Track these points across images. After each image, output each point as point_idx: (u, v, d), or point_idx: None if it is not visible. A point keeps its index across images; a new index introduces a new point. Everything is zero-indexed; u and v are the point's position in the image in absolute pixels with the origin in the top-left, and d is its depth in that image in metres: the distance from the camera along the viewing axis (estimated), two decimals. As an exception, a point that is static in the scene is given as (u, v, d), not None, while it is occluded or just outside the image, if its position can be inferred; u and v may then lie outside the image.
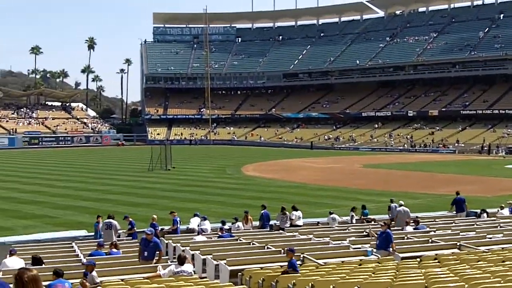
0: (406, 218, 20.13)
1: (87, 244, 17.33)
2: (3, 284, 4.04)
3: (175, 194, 33.92)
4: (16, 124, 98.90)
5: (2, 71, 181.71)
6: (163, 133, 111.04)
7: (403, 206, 21.37)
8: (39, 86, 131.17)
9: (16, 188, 36.88)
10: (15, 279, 4.75)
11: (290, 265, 11.68)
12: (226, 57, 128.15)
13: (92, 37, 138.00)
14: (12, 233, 21.38)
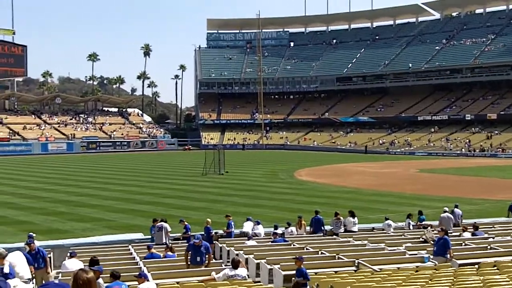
0: (451, 224, 19.77)
1: (143, 246, 17.57)
2: (63, 286, 4.11)
3: (228, 198, 34.10)
4: (75, 130, 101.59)
5: (60, 78, 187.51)
6: (217, 138, 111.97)
7: (447, 212, 21.09)
8: (96, 92, 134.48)
9: (74, 191, 37.85)
10: (72, 281, 4.84)
11: (299, 274, 11.39)
12: (279, 62, 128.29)
13: (148, 44, 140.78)
14: (71, 235, 21.90)
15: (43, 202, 32.69)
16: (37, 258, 14.04)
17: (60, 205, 31.69)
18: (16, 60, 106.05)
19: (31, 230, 20.15)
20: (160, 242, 18.18)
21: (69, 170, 57.76)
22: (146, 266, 13.95)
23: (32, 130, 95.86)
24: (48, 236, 21.13)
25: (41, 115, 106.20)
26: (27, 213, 28.74)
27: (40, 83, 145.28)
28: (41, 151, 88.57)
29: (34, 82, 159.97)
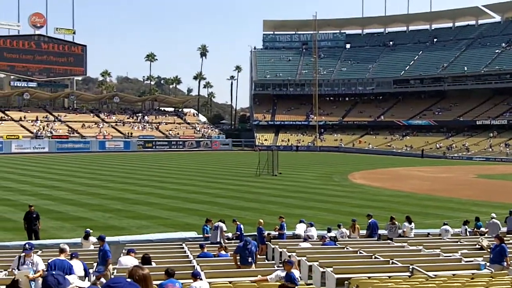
0: (497, 231, 19.26)
1: (196, 245, 17.74)
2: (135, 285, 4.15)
3: (282, 200, 34.07)
4: (132, 128, 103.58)
5: (119, 77, 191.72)
6: (270, 139, 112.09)
7: (494, 219, 20.53)
8: (153, 92, 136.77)
9: (130, 189, 38.57)
10: (128, 277, 4.90)
11: (288, 278, 11.15)
12: (335, 64, 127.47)
13: (205, 45, 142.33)
14: (127, 232, 22.32)
15: (100, 199, 33.46)
16: (99, 256, 14.37)
17: (117, 202, 32.36)
18: (76, 60, 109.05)
19: (88, 226, 20.66)
20: (214, 241, 18.35)
21: (126, 168, 58.91)
22: (199, 265, 14.07)
23: (90, 128, 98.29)
24: (104, 232, 21.44)
25: (100, 114, 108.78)
26: (85, 210, 29.46)
27: (99, 82, 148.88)
28: (99, 149, 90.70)
29: (93, 81, 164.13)
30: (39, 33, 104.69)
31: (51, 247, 17.22)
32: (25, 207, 27.19)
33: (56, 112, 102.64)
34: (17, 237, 20.91)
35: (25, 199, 32.50)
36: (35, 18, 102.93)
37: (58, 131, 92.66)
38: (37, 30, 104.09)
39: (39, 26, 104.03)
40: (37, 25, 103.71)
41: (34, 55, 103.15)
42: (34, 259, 11.96)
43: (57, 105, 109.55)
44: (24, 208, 27.33)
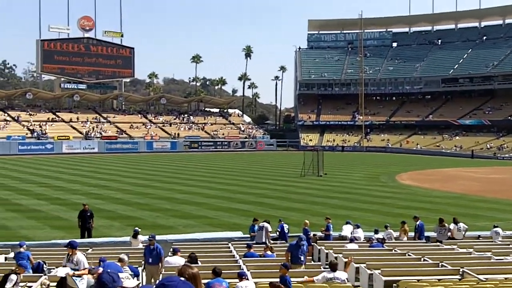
0: None
1: (242, 245, 17.81)
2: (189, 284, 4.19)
3: (327, 201, 33.87)
4: (178, 129, 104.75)
5: (165, 79, 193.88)
6: (315, 139, 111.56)
7: None
8: (199, 93, 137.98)
9: (177, 189, 39.01)
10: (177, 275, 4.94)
11: (283, 281, 10.89)
12: (381, 62, 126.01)
13: (249, 46, 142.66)
14: (174, 231, 22.58)
15: (148, 198, 33.95)
16: (152, 255, 14.59)
17: (164, 201, 32.77)
18: (124, 62, 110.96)
19: (136, 225, 20.98)
20: (260, 241, 18.38)
21: (173, 168, 59.59)
22: (245, 265, 14.12)
23: (138, 129, 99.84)
24: (152, 231, 21.85)
25: (147, 115, 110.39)
26: (133, 209, 29.96)
27: (146, 84, 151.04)
28: (146, 149, 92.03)
29: (141, 83, 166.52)
30: (88, 36, 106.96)
31: (101, 245, 17.57)
32: (76, 206, 27.88)
33: (105, 113, 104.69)
34: (69, 235, 21.38)
35: (76, 198, 33.27)
36: (84, 21, 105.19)
37: (107, 132, 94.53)
38: (86, 33, 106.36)
39: (88, 29, 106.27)
40: (86, 28, 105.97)
41: (84, 57, 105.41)
42: (77, 257, 12.22)
43: (106, 107, 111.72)
44: (75, 207, 28.03)
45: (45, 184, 41.41)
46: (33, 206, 30.46)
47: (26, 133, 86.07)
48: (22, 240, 19.45)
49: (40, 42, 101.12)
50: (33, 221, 25.83)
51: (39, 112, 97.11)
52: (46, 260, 14.35)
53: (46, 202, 31.96)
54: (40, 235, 22.30)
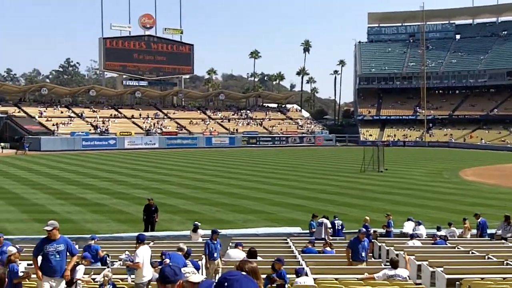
0: None
1: (301, 240, 17.74)
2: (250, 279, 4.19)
3: (388, 197, 33.33)
4: (236, 125, 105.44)
5: (224, 75, 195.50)
6: (376, 134, 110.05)
7: None
8: (257, 88, 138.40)
9: (236, 184, 39.25)
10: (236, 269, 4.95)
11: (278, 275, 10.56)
12: (444, 55, 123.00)
13: (308, 40, 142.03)
14: (233, 226, 22.73)
15: (208, 193, 34.30)
16: (217, 249, 14.77)
17: (223, 196, 33.03)
18: (184, 59, 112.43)
19: (196, 219, 21.22)
20: (319, 237, 18.26)
21: (231, 163, 60.00)
22: (304, 260, 14.06)
23: (197, 125, 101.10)
24: (212, 226, 22.06)
25: (206, 111, 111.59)
26: (193, 203, 30.34)
27: (205, 80, 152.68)
28: (205, 145, 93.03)
29: (200, 79, 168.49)
30: (149, 34, 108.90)
31: (163, 239, 17.85)
32: (138, 200, 28.50)
33: (165, 110, 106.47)
34: (131, 229, 21.87)
35: (138, 192, 33.99)
36: (145, 19, 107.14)
37: (167, 128, 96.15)
38: (146, 30, 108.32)
39: (149, 27, 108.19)
40: (147, 26, 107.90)
41: (144, 55, 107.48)
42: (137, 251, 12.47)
43: (166, 103, 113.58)
44: (137, 201, 28.65)
45: (108, 179, 42.48)
46: (96, 200, 31.30)
47: (90, 129, 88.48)
48: (88, 233, 20.03)
49: (103, 40, 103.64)
50: (96, 215, 26.54)
51: (102, 108, 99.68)
52: (109, 253, 14.68)
53: (109, 196, 32.77)
54: (103, 228, 22.87)
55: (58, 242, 10.13)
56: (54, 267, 10.08)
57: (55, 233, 10.13)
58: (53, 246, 10.08)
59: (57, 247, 10.07)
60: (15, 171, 48.73)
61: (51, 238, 10.14)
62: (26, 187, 37.11)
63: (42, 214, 26.39)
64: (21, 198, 32.21)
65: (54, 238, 10.14)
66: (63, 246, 10.14)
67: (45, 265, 10.11)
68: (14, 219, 25.24)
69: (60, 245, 10.13)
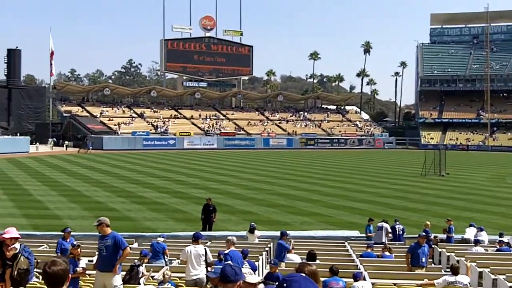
0: None
1: (359, 244, 17.53)
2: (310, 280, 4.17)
3: (449, 202, 32.53)
4: (294, 126, 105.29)
5: (283, 76, 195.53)
6: (437, 138, 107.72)
7: None
8: (316, 90, 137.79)
9: (293, 185, 39.15)
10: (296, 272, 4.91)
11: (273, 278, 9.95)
12: (509, 57, 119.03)
13: (368, 41, 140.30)
14: (290, 228, 22.60)
15: (265, 194, 34.35)
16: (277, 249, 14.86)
17: (280, 197, 33.00)
18: (243, 60, 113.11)
19: (253, 220, 21.29)
20: (379, 241, 17.99)
21: (289, 164, 59.90)
22: (362, 264, 13.88)
23: (255, 126, 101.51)
24: (269, 227, 22.12)
25: (264, 112, 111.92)
26: (250, 204, 30.45)
27: (264, 82, 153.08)
28: (263, 146, 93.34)
29: (259, 81, 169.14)
30: (209, 35, 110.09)
31: (220, 239, 17.96)
32: (196, 200, 28.84)
33: (224, 110, 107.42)
34: (189, 228, 22.12)
35: (196, 192, 34.40)
36: (205, 21, 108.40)
37: (226, 129, 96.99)
38: (207, 32, 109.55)
39: (209, 28, 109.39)
40: (208, 28, 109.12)
41: (204, 56, 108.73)
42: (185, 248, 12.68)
43: (225, 104, 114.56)
44: (195, 201, 29.00)
45: (167, 178, 43.16)
46: (156, 199, 31.84)
47: (150, 129, 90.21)
48: (147, 231, 20.41)
49: (164, 41, 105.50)
50: (155, 213, 27.00)
51: (162, 109, 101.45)
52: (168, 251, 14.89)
53: (168, 195, 33.29)
54: (162, 226, 23.22)
55: (107, 237, 10.38)
56: (102, 261, 10.38)
57: (103, 228, 10.38)
58: (102, 242, 10.40)
59: (105, 242, 10.34)
60: (78, 169, 50.17)
61: (100, 233, 10.43)
62: (88, 184, 38.16)
63: (103, 212, 27.02)
64: (83, 195, 33.13)
65: (103, 233, 10.40)
66: (110, 241, 10.34)
67: (97, 260, 10.50)
68: (76, 216, 25.96)
69: (108, 240, 10.35)
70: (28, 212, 26.72)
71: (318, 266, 11.87)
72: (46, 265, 4.43)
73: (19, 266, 8.25)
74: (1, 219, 23.02)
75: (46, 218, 25.18)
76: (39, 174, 45.03)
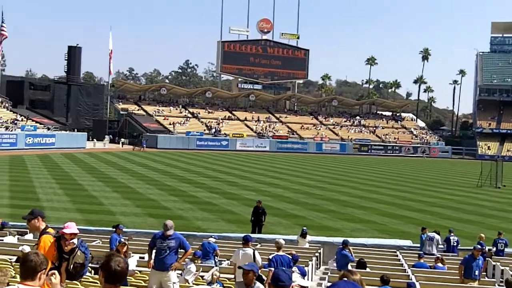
0: None
1: (411, 254, 17.23)
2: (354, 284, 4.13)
3: (505, 214, 31.64)
4: (348, 131, 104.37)
5: (338, 81, 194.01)
6: (494, 148, 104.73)
7: None
8: (371, 95, 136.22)
9: (345, 191, 38.81)
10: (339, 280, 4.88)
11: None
12: None
13: (427, 48, 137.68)
14: (340, 234, 22.44)
15: (316, 199, 34.18)
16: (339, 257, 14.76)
17: (332, 203, 32.77)
18: (299, 63, 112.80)
19: (303, 224, 21.23)
20: (429, 252, 17.63)
21: (341, 170, 59.41)
22: (414, 275, 13.63)
23: (308, 130, 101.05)
24: (319, 232, 21.99)
25: (318, 116, 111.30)
26: (301, 208, 30.35)
27: (318, 86, 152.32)
28: (316, 150, 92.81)
29: (313, 85, 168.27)
30: (266, 38, 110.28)
31: (269, 242, 17.96)
32: (247, 202, 28.92)
33: (277, 113, 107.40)
34: (239, 229, 22.23)
35: (247, 194, 34.54)
36: (262, 24, 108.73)
37: (278, 132, 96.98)
38: (264, 35, 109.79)
39: (266, 31, 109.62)
40: (264, 31, 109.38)
41: (260, 59, 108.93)
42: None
43: (278, 107, 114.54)
44: (246, 203, 29.09)
45: (219, 179, 43.48)
46: (207, 199, 32.12)
47: (204, 129, 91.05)
48: (198, 231, 20.63)
49: (221, 43, 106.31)
50: (207, 213, 27.24)
51: (217, 110, 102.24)
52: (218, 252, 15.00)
53: (219, 196, 33.52)
54: (213, 227, 23.41)
55: (171, 238, 10.58)
56: (163, 262, 10.54)
57: (170, 232, 10.57)
58: (165, 242, 10.55)
59: (168, 243, 10.53)
60: (132, 166, 51.14)
61: (165, 235, 10.60)
62: (142, 182, 38.84)
63: (156, 210, 27.55)
64: (136, 192, 33.74)
65: (168, 235, 10.57)
66: (174, 242, 10.54)
67: (156, 259, 10.66)
68: (129, 213, 26.44)
69: (172, 241, 10.54)
70: (82, 207, 27.37)
71: (369, 274, 11.77)
72: (111, 262, 4.40)
73: (75, 260, 8.48)
74: (56, 213, 23.66)
75: (100, 213, 25.75)
76: (95, 170, 46.12)
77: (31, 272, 4.59)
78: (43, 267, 4.65)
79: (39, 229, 8.42)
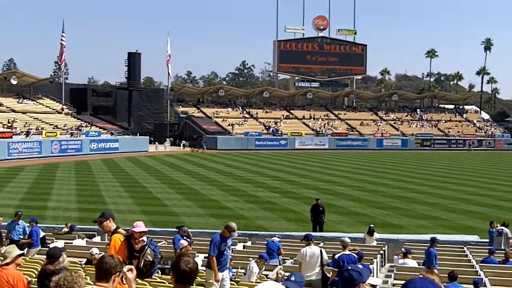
0: None
1: (479, 250, 16.69)
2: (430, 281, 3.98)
3: None
4: (409, 126, 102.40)
5: (397, 75, 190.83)
6: None
7: None
8: (433, 89, 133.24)
9: (409, 188, 38.04)
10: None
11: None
12: None
13: (489, 38, 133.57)
14: (405, 231, 22.01)
15: (379, 196, 33.65)
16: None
17: (396, 200, 32.19)
18: (356, 59, 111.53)
19: (367, 222, 20.92)
20: (498, 248, 17.01)
21: (404, 166, 58.32)
22: (483, 271, 13.19)
23: (368, 126, 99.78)
24: (383, 230, 21.59)
25: (378, 112, 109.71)
26: (363, 206, 29.93)
27: (377, 81, 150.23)
28: (376, 147, 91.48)
29: (372, 80, 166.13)
30: (322, 35, 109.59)
31: (332, 240, 17.78)
32: (307, 200, 28.73)
33: (336, 111, 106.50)
34: (301, 228, 22.11)
35: (307, 192, 34.35)
36: (318, 21, 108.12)
37: (337, 129, 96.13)
38: (320, 32, 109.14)
39: (322, 28, 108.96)
40: (320, 28, 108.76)
41: (317, 56, 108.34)
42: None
43: (337, 104, 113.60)
44: (306, 201, 28.91)
45: (279, 178, 43.44)
46: (268, 198, 32.14)
47: (262, 129, 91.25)
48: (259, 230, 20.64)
49: (277, 42, 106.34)
50: (268, 213, 27.25)
51: (274, 109, 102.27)
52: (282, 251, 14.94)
53: (280, 195, 33.49)
54: (274, 226, 23.39)
55: (229, 239, 11.01)
56: (225, 261, 10.91)
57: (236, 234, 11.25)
58: (225, 243, 10.84)
59: (227, 244, 10.93)
60: (193, 168, 51.77)
61: (225, 236, 10.82)
62: (203, 183, 39.24)
63: (218, 210, 27.78)
64: (198, 193, 34.12)
65: (227, 236, 10.89)
66: (230, 242, 11.23)
67: (218, 260, 10.67)
68: (192, 213, 26.77)
69: (229, 242, 11.06)
70: (146, 208, 27.92)
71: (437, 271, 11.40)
72: (181, 263, 4.47)
73: (145, 258, 8.68)
74: (122, 215, 24.17)
75: (164, 214, 26.17)
76: (158, 172, 46.96)
77: (106, 274, 4.75)
78: (117, 270, 4.82)
79: (111, 230, 8.65)
